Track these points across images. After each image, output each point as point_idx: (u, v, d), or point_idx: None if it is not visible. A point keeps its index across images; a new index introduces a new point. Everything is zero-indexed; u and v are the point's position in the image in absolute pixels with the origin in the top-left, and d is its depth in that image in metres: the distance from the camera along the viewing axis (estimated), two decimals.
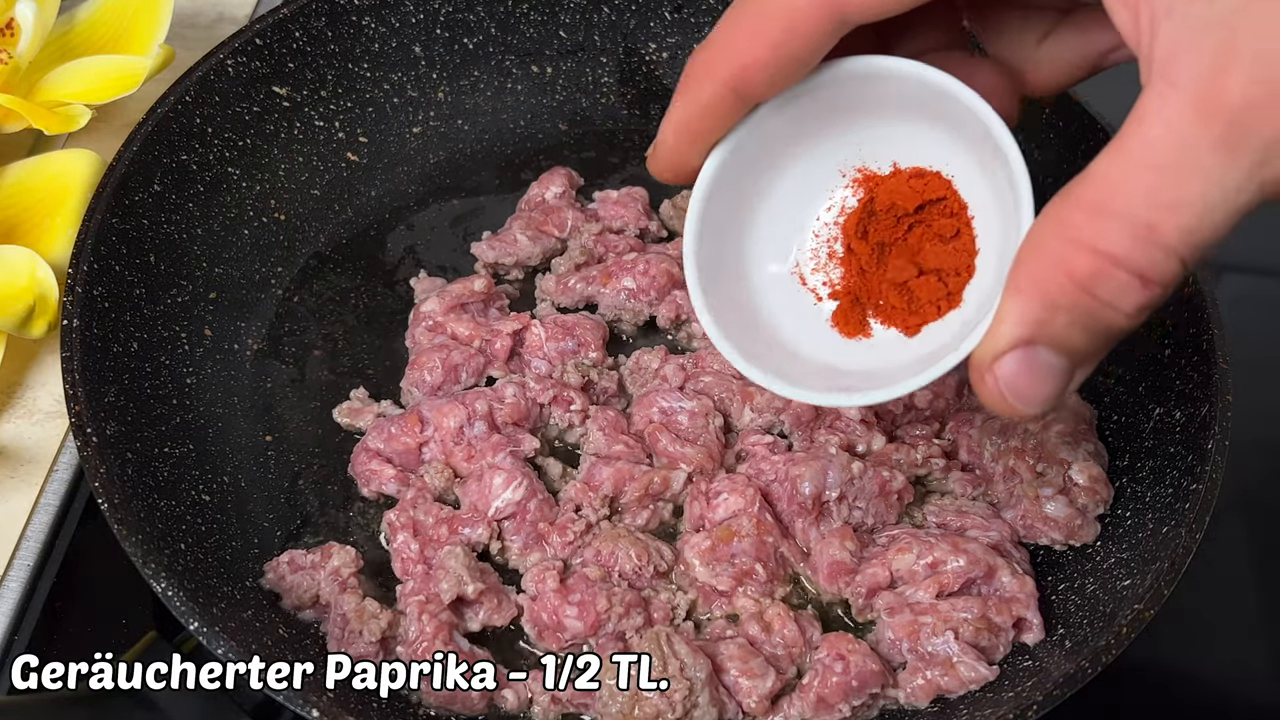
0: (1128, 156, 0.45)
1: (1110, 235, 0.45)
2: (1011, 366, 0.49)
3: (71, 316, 0.68)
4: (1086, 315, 0.47)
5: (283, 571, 0.68)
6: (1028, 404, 0.50)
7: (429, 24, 0.88)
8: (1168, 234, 0.44)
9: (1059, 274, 0.47)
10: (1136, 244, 0.45)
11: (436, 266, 0.84)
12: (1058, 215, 0.47)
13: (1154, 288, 0.46)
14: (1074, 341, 0.48)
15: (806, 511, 0.71)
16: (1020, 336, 0.48)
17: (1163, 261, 0.45)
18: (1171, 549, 0.64)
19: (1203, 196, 0.44)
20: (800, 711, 0.64)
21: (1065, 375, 0.49)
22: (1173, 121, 0.44)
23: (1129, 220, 0.45)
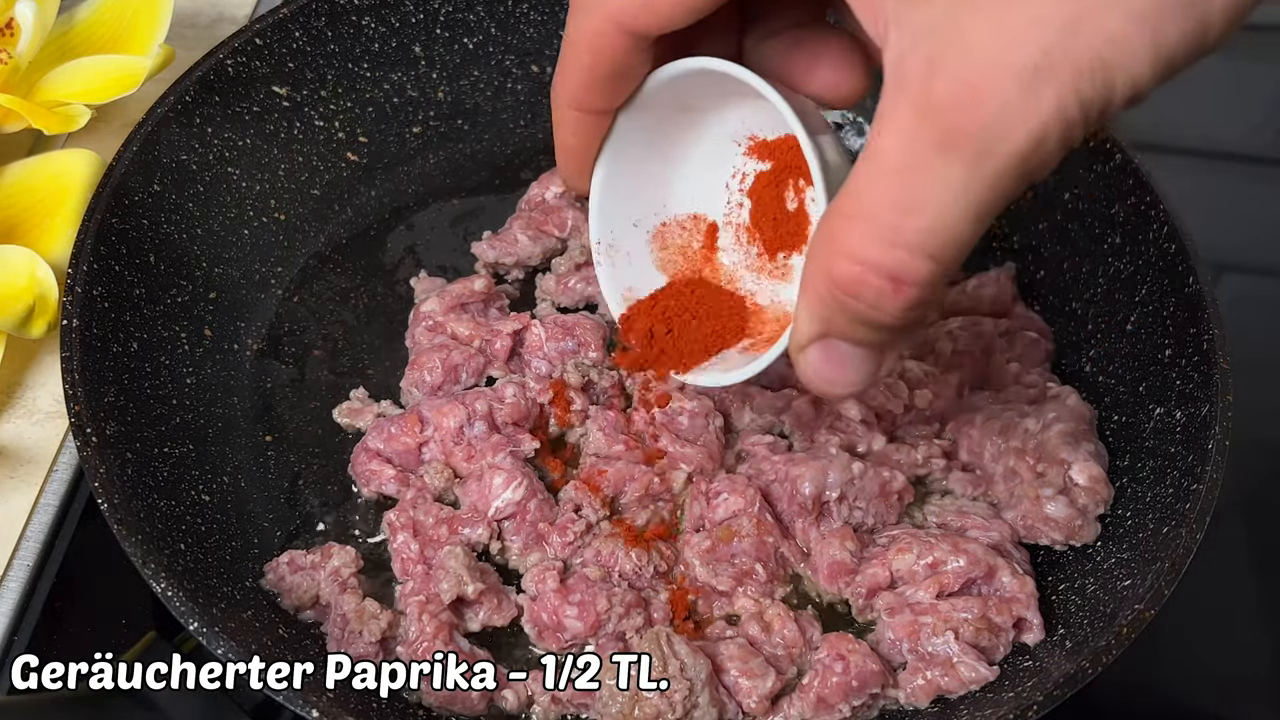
0: (870, 162, 0.48)
1: (859, 241, 0.48)
2: (814, 357, 0.53)
3: (71, 316, 0.68)
4: (859, 316, 0.50)
5: (283, 572, 0.68)
6: (837, 386, 0.54)
7: (429, 24, 0.88)
8: (909, 235, 0.47)
9: (827, 281, 0.50)
10: (883, 248, 0.47)
11: (436, 266, 0.84)
12: (826, 222, 0.50)
13: (907, 289, 0.48)
14: (860, 335, 0.51)
15: (806, 511, 0.71)
16: (813, 334, 0.52)
17: (910, 263, 0.47)
18: (1172, 549, 0.64)
19: (933, 197, 0.46)
20: (800, 711, 0.64)
21: (868, 360, 0.53)
22: (901, 126, 0.46)
23: (874, 225, 0.47)
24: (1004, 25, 0.44)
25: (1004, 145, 0.45)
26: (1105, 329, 0.78)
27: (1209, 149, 1.10)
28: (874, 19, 0.48)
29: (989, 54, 0.44)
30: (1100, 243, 0.79)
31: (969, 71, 0.44)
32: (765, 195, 0.66)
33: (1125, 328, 0.77)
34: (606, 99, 0.61)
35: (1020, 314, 0.81)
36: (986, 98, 0.44)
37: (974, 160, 0.45)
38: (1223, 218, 0.99)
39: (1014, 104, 0.44)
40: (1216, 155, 1.10)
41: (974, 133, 0.45)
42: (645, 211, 0.70)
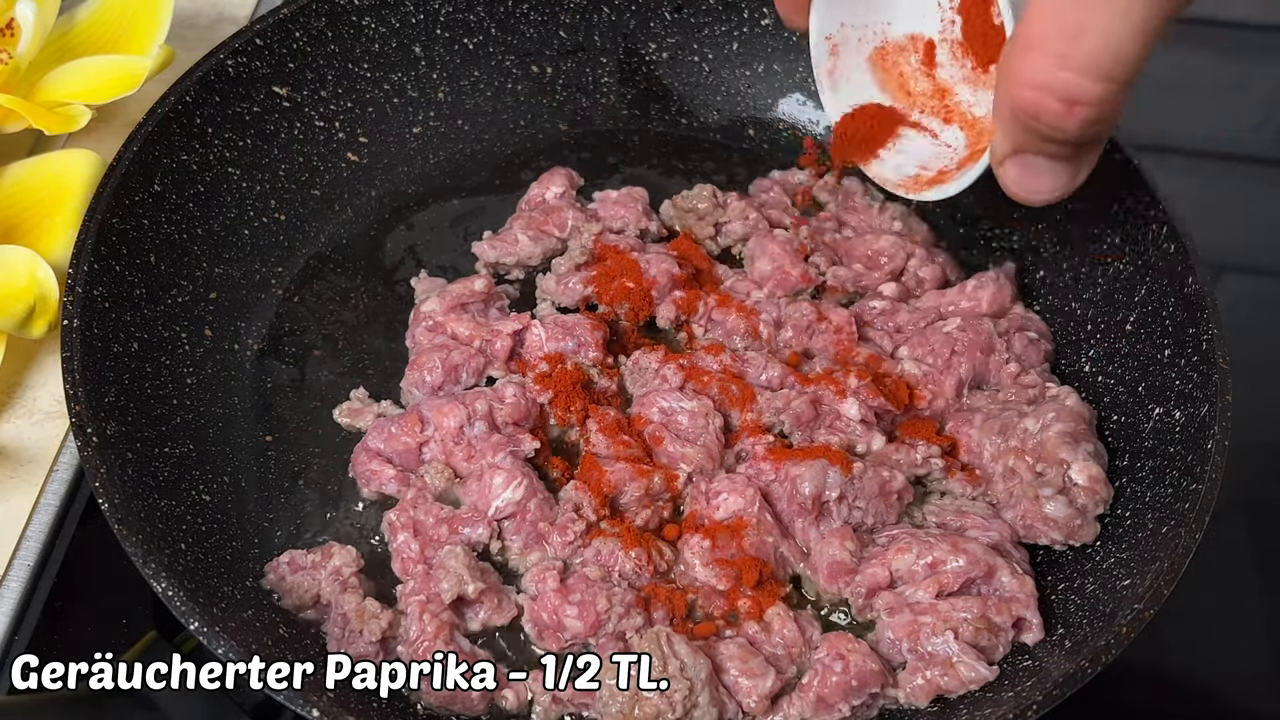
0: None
1: (1033, 68, 0.53)
2: (1012, 170, 0.60)
3: (72, 316, 0.68)
4: (1044, 136, 0.56)
5: (283, 572, 0.68)
6: (1038, 194, 0.61)
7: (429, 24, 0.88)
8: (1077, 59, 0.51)
9: (1011, 107, 0.55)
10: (1054, 73, 0.52)
11: (436, 266, 0.84)
12: (1005, 55, 0.55)
13: (1081, 109, 0.53)
14: (1050, 150, 0.57)
15: (806, 511, 0.71)
16: (1006, 150, 0.59)
17: (1081, 84, 0.52)
18: (1171, 549, 0.64)
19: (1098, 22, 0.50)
20: (800, 711, 0.64)
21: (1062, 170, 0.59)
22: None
23: (1044, 52, 0.52)
24: None
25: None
26: (1105, 329, 0.78)
27: (1209, 149, 1.10)
28: None
29: None
30: (1100, 243, 0.79)
31: None
32: (974, 11, 0.72)
33: (1125, 328, 0.77)
34: None
35: (1020, 314, 0.81)
36: None
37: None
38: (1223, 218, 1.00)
39: None
40: (1216, 155, 1.10)
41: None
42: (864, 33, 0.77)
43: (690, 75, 0.93)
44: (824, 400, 0.75)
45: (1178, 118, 1.10)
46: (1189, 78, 1.13)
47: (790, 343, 0.79)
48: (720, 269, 0.83)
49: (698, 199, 0.86)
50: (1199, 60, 1.15)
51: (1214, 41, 1.16)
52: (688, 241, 0.84)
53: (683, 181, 0.89)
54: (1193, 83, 1.13)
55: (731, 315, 0.79)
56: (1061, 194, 0.61)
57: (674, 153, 0.92)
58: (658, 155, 0.92)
